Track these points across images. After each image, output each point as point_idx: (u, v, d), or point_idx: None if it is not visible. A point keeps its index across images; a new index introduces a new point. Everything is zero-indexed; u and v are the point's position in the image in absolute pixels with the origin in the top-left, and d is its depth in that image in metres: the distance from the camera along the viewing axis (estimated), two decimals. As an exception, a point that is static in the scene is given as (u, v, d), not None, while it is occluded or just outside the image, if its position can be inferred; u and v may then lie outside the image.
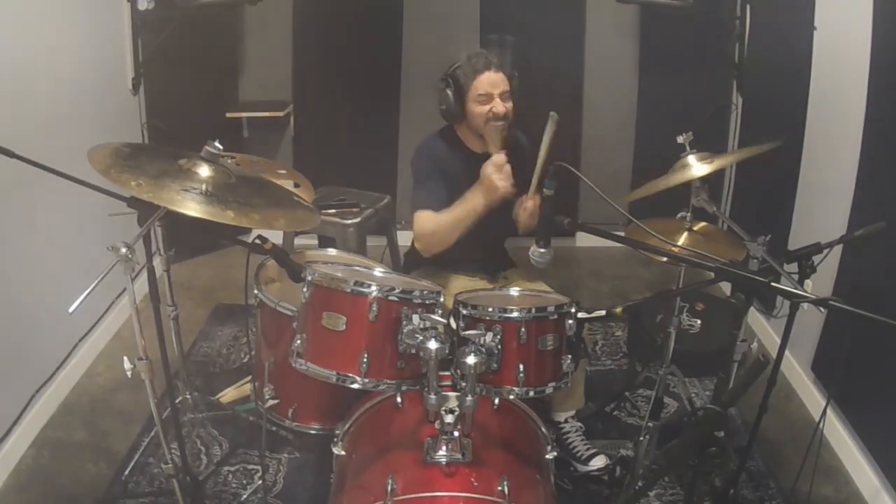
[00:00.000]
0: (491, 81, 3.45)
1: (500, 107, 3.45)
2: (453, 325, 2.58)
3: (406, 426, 2.66)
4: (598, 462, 3.63)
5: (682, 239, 3.33)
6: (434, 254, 3.52)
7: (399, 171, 6.11)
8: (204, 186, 2.58)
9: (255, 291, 3.27)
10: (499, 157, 3.27)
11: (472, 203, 3.31)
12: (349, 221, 4.69)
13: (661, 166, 3.21)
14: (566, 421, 3.74)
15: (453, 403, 2.36)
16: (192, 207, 2.47)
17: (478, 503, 2.32)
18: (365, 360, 2.47)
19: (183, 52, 5.52)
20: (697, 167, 3.04)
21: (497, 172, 3.23)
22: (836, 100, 4.13)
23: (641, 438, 3.48)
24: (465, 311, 2.53)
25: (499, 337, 2.45)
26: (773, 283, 2.20)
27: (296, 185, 3.73)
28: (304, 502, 3.54)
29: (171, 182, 2.55)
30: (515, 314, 2.49)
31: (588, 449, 3.67)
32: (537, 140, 3.23)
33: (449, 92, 3.51)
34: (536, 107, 3.32)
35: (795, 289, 2.26)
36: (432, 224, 3.41)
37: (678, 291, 3.60)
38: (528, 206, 3.45)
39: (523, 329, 2.46)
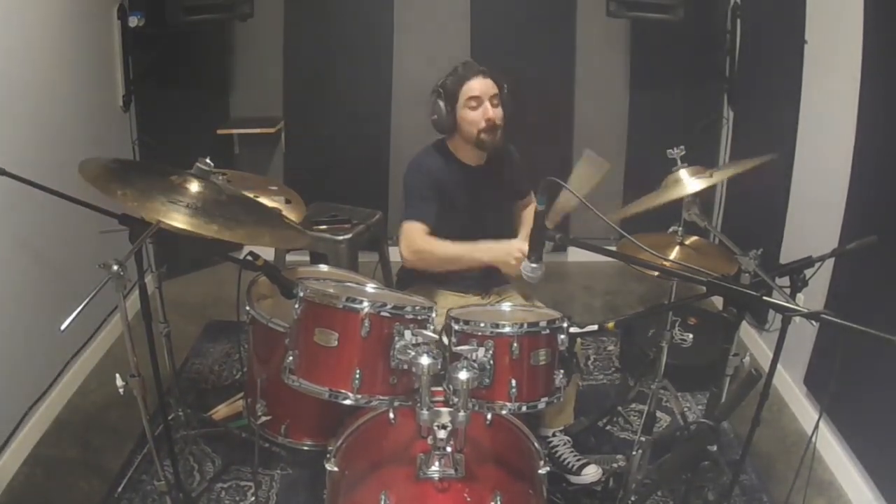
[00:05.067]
0: (481, 86, 3.47)
1: (490, 111, 3.46)
2: (445, 340, 2.58)
3: (399, 442, 2.65)
4: (591, 471, 3.63)
5: (674, 253, 3.33)
6: (416, 267, 3.55)
7: (390, 187, 6.13)
8: (190, 201, 2.58)
9: (247, 308, 3.27)
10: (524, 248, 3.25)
11: (478, 256, 3.43)
12: (341, 237, 4.69)
13: (653, 180, 3.22)
14: (553, 435, 3.74)
15: (446, 419, 2.36)
16: (177, 219, 2.47)
17: (471, 519, 2.33)
18: (357, 375, 2.46)
19: (173, 68, 5.53)
20: (690, 182, 3.05)
21: (519, 259, 3.24)
22: (827, 113, 4.14)
23: (634, 453, 3.47)
24: (456, 327, 2.52)
25: (491, 352, 2.44)
26: (764, 297, 2.20)
27: (287, 202, 3.73)
28: (296, 519, 3.54)
29: (158, 194, 2.55)
30: (507, 329, 2.48)
31: (578, 460, 3.66)
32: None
33: (440, 102, 3.53)
34: (527, 121, 3.34)
35: (787, 302, 2.27)
36: (426, 242, 3.46)
37: (670, 306, 3.60)
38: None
39: (515, 344, 2.45)
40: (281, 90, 6.16)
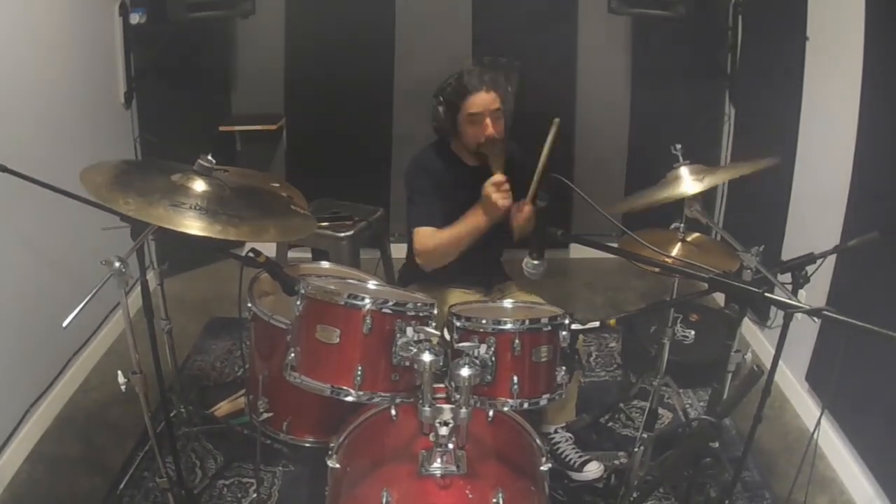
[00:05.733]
0: (482, 101, 3.45)
1: (490, 129, 3.45)
2: (447, 337, 2.58)
3: (401, 439, 2.65)
4: (593, 468, 3.64)
5: (676, 250, 3.33)
6: (434, 268, 3.53)
7: (392, 184, 6.12)
8: (193, 201, 2.57)
9: (249, 305, 3.27)
10: (497, 176, 3.30)
11: (473, 221, 3.39)
12: (342, 234, 4.69)
13: (655, 177, 3.21)
14: (555, 431, 3.74)
15: (448, 416, 2.36)
16: (182, 224, 2.46)
17: (473, 515, 2.33)
18: (359, 372, 2.46)
19: (175, 65, 5.53)
20: (689, 181, 3.04)
21: (497, 191, 3.26)
22: (829, 110, 4.14)
23: (636, 450, 3.47)
24: (458, 323, 2.52)
25: (493, 349, 2.44)
26: (766, 294, 2.20)
27: (289, 198, 3.73)
28: (298, 515, 3.54)
29: (161, 198, 2.54)
30: (509, 326, 2.48)
31: (580, 456, 3.67)
32: (534, 147, 3.25)
33: (441, 109, 3.52)
34: (530, 118, 3.34)
35: (789, 299, 2.27)
36: (433, 241, 3.46)
37: (672, 302, 3.60)
38: (525, 211, 3.45)
39: (517, 341, 2.45)
40: (282, 87, 6.16)
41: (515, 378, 2.45)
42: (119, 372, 2.70)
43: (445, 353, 2.45)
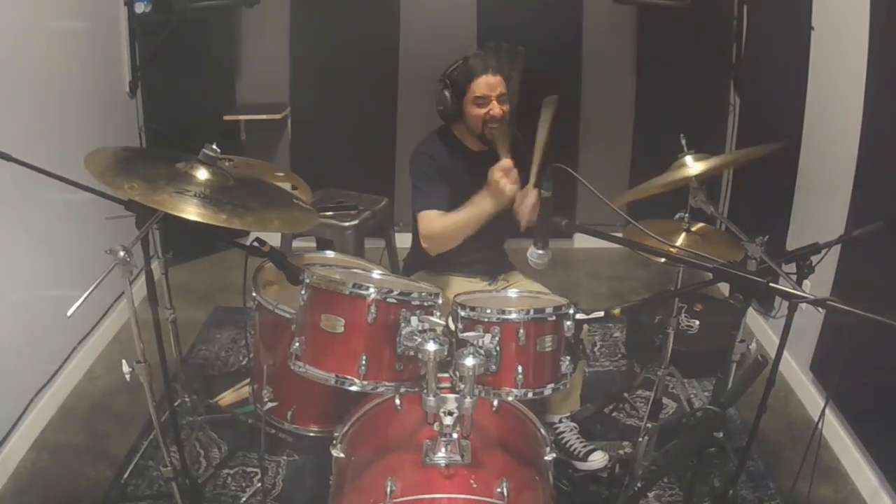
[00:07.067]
0: (488, 84, 3.45)
1: (496, 109, 3.45)
2: (452, 326, 2.58)
3: (405, 428, 2.65)
4: (597, 457, 3.62)
5: (680, 240, 3.32)
6: (440, 252, 3.52)
7: (397, 173, 6.11)
8: (198, 189, 2.57)
9: (254, 294, 3.27)
10: (506, 162, 3.30)
11: (480, 207, 3.35)
12: (347, 224, 4.69)
13: (660, 167, 3.20)
14: (560, 421, 3.74)
15: (452, 405, 2.36)
16: (186, 210, 2.46)
17: (477, 505, 2.33)
18: (363, 362, 2.46)
19: (180, 55, 5.53)
20: (693, 166, 3.04)
21: (504, 177, 3.25)
22: (834, 100, 4.13)
23: (640, 439, 3.47)
24: (463, 313, 2.52)
25: (497, 338, 2.45)
26: (771, 284, 2.20)
27: (293, 188, 3.73)
28: (303, 505, 3.55)
29: (166, 185, 2.55)
30: (514, 315, 2.48)
31: (585, 446, 3.66)
32: (534, 133, 3.26)
33: (446, 93, 3.51)
34: (535, 106, 3.35)
35: (794, 289, 2.26)
36: (439, 225, 3.44)
37: (676, 292, 3.60)
38: (530, 200, 3.44)
39: (522, 330, 2.45)
40: (287, 76, 6.16)
41: (520, 368, 2.46)
42: (123, 361, 2.70)
43: (450, 343, 2.44)
